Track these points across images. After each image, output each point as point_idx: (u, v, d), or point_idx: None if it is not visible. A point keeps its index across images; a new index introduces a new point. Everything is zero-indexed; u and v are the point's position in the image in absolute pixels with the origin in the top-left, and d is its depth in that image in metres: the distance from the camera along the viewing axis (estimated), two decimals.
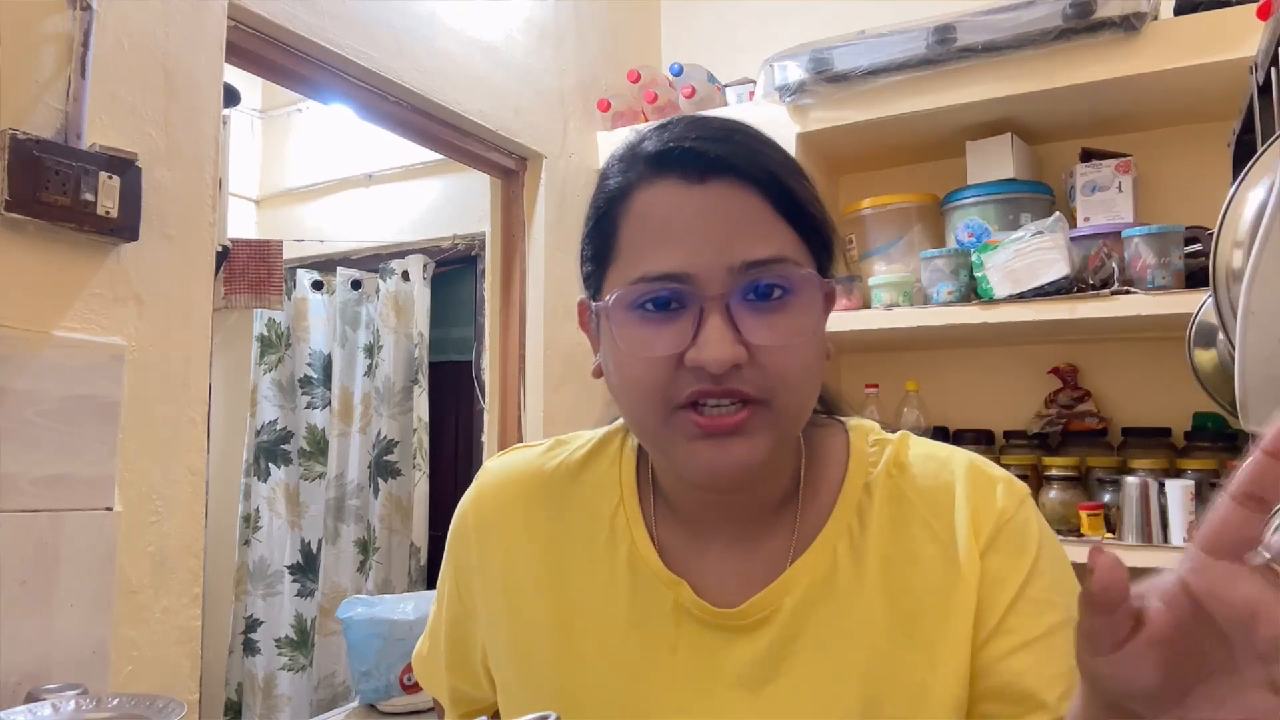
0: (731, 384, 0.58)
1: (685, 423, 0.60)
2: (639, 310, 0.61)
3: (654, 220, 0.61)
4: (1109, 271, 1.68)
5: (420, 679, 0.89)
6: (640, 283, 0.60)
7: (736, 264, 0.59)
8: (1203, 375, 1.36)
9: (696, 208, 0.60)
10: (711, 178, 0.60)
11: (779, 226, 0.61)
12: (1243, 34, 1.54)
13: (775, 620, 0.65)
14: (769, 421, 0.60)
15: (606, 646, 0.68)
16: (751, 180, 0.60)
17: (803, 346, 0.61)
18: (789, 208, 0.61)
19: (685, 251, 0.59)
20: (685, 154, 0.61)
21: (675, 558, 0.69)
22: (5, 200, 1.04)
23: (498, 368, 2.09)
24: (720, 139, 0.62)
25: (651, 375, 0.60)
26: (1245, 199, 0.91)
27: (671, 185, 0.61)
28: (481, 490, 0.78)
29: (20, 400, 1.06)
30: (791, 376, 0.60)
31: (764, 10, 2.39)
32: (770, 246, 0.60)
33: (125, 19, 1.20)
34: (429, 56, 1.74)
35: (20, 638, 1.05)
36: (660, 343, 0.60)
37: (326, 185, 2.97)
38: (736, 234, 0.59)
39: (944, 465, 0.68)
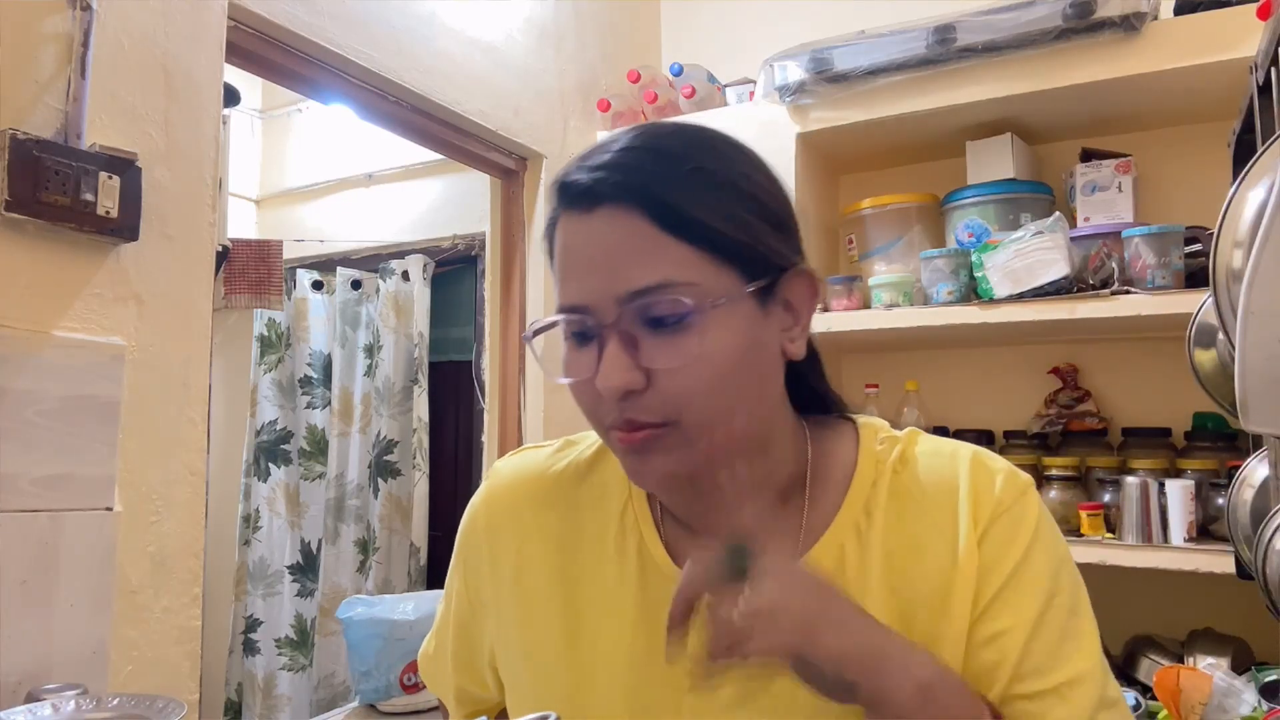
0: (630, 414, 0.61)
1: (614, 439, 0.64)
2: (567, 339, 0.64)
3: (562, 252, 0.64)
4: (1109, 271, 1.68)
5: (426, 678, 0.89)
6: (559, 312, 0.64)
7: (622, 293, 0.60)
8: (1203, 375, 1.37)
9: (585, 239, 0.62)
10: (598, 207, 0.61)
11: (667, 248, 0.60)
12: (1243, 34, 1.53)
13: None
14: (679, 439, 0.62)
15: (617, 643, 0.69)
16: (634, 204, 0.60)
17: (706, 364, 0.60)
18: (678, 226, 0.60)
19: (580, 284, 0.62)
20: (570, 186, 0.63)
21: (684, 554, 0.69)
22: (5, 200, 1.04)
23: (498, 368, 2.09)
24: (606, 165, 0.62)
25: (583, 398, 0.64)
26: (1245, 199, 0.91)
27: (571, 217, 0.63)
28: (493, 490, 0.79)
29: (20, 400, 1.06)
30: (697, 396, 0.61)
31: (764, 10, 2.39)
32: (655, 273, 0.59)
33: (125, 19, 1.20)
34: (429, 56, 1.74)
35: (20, 638, 1.05)
36: (577, 370, 0.63)
37: (326, 185, 2.97)
38: (620, 262, 0.60)
39: (949, 460, 0.68)
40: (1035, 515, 0.66)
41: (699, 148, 0.64)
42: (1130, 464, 1.77)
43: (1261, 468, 1.26)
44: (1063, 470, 1.80)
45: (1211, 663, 1.59)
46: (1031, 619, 0.62)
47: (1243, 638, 1.67)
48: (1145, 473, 1.71)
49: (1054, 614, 0.63)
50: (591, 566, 0.72)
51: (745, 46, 2.30)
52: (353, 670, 1.84)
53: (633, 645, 0.68)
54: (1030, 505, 0.66)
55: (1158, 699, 1.47)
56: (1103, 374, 1.99)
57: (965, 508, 0.66)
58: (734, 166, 0.64)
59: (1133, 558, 1.63)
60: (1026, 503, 0.66)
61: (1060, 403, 1.98)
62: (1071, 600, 0.64)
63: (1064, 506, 1.76)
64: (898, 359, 2.19)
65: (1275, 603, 1.05)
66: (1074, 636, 0.63)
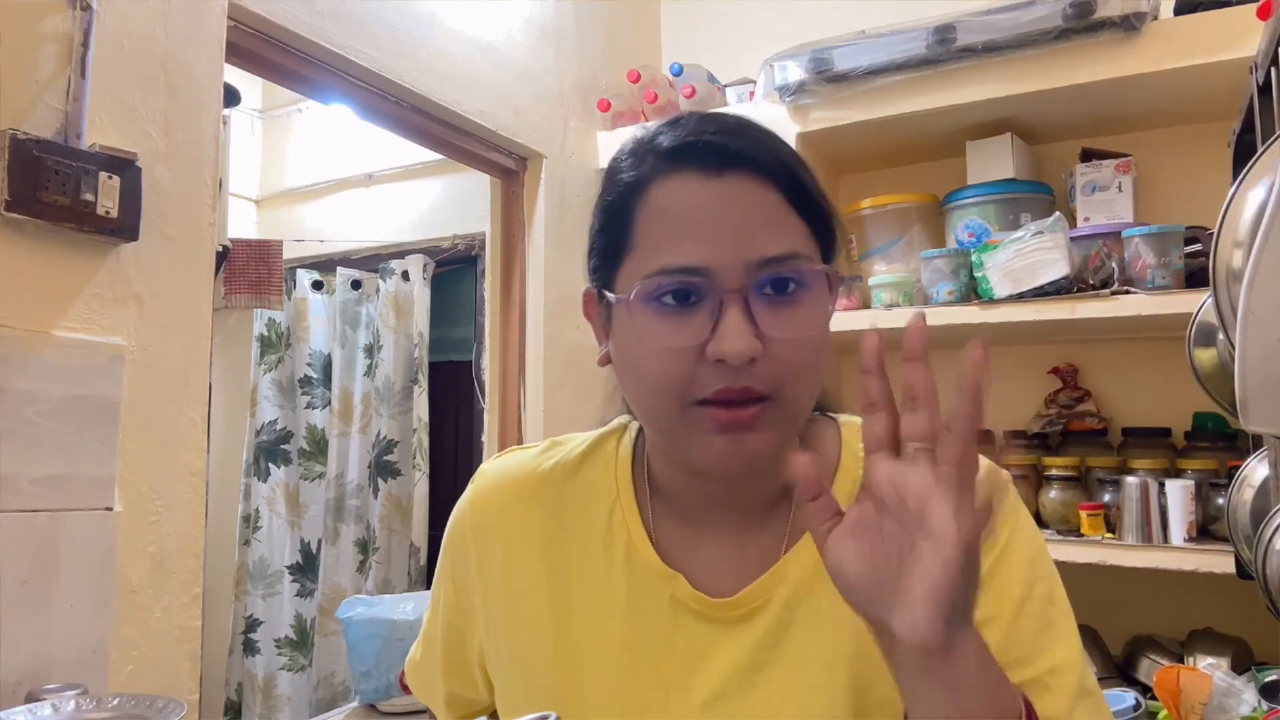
0: (746, 381, 0.59)
1: (703, 417, 0.61)
2: (657, 303, 0.61)
3: (672, 213, 0.62)
4: (1109, 271, 1.68)
5: (413, 685, 0.89)
6: (660, 275, 0.61)
7: (754, 259, 0.60)
8: (1203, 375, 1.37)
9: (714, 201, 0.61)
10: (729, 171, 0.61)
11: (792, 221, 0.62)
12: (1243, 34, 1.53)
13: (768, 610, 0.66)
14: (778, 416, 0.61)
15: (604, 641, 0.69)
16: (767, 174, 0.61)
17: (813, 340, 0.62)
18: (801, 201, 0.62)
19: (704, 245, 0.60)
20: (704, 147, 0.62)
21: (672, 552, 0.70)
22: (5, 200, 1.04)
23: (498, 368, 2.09)
24: (736, 132, 0.63)
25: (670, 367, 0.61)
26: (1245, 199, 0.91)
27: (690, 178, 0.61)
28: (478, 492, 0.78)
29: (20, 400, 1.06)
30: (802, 369, 0.62)
31: (764, 10, 2.39)
32: (786, 242, 0.61)
33: (125, 19, 1.20)
34: (429, 56, 1.74)
35: (20, 638, 1.05)
36: (680, 335, 0.60)
37: (326, 185, 2.97)
38: (754, 229, 0.60)
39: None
40: (1013, 508, 0.67)
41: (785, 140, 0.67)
42: (1130, 464, 1.77)
43: (1261, 468, 1.26)
44: (1063, 470, 1.80)
45: (1211, 663, 1.59)
46: (1012, 608, 0.63)
47: (1243, 638, 1.67)
48: (1145, 473, 1.71)
49: (1034, 603, 0.64)
50: (579, 565, 0.72)
51: (745, 46, 2.30)
52: (353, 670, 1.84)
53: (620, 641, 0.68)
54: (1008, 499, 0.68)
55: (1158, 699, 1.47)
56: (1103, 374, 1.99)
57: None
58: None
59: (1133, 558, 1.63)
60: (1004, 498, 0.67)
61: (1060, 403, 1.98)
62: (1049, 589, 0.66)
63: (1064, 506, 1.76)
64: (898, 359, 2.18)
65: (1275, 603, 1.05)
66: (1053, 625, 0.64)
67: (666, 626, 0.68)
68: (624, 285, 0.63)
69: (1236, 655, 1.62)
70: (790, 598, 0.66)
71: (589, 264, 0.71)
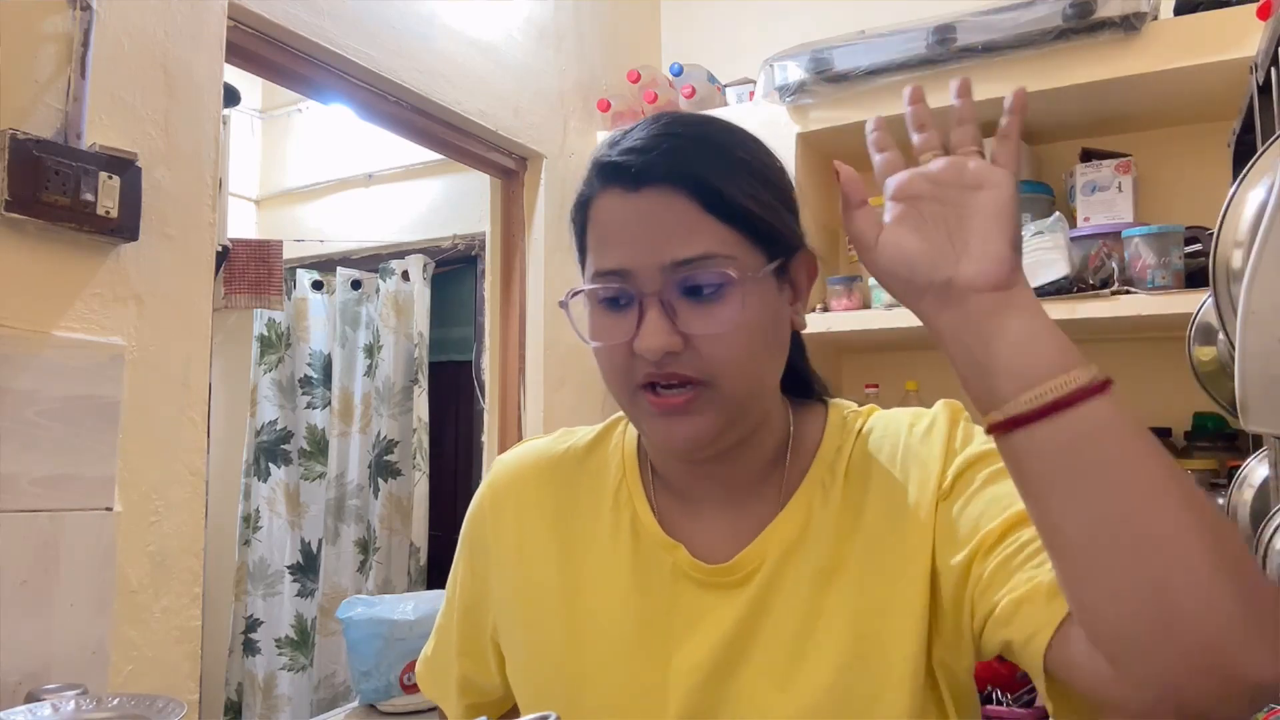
0: (671, 368, 0.66)
1: (643, 402, 0.69)
2: (598, 304, 0.70)
3: (602, 225, 0.70)
4: (1109, 271, 1.68)
5: (423, 682, 0.92)
6: (594, 277, 0.69)
7: (666, 263, 0.66)
8: (1203, 375, 1.36)
9: (632, 213, 0.68)
10: (645, 186, 0.67)
11: (708, 226, 0.67)
12: (1243, 34, 1.53)
13: (761, 571, 0.72)
14: (713, 401, 0.67)
15: (611, 609, 0.75)
16: (680, 185, 0.67)
17: (739, 333, 0.67)
18: (718, 208, 0.67)
19: (624, 252, 0.67)
20: (620, 167, 0.69)
21: (672, 525, 0.76)
22: (5, 200, 1.04)
23: (498, 368, 2.09)
24: (651, 148, 0.68)
25: (613, 360, 0.69)
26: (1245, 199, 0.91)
27: (614, 194, 0.69)
28: (495, 476, 0.85)
29: (20, 400, 1.06)
30: (731, 360, 0.67)
31: (764, 10, 2.39)
32: (697, 246, 0.66)
33: (125, 19, 1.20)
34: (429, 56, 1.74)
35: (20, 638, 1.05)
36: (613, 333, 0.68)
37: (326, 185, 2.97)
38: (666, 236, 0.66)
39: (894, 418, 0.78)
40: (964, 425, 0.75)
41: (729, 135, 0.72)
42: None
43: (1261, 468, 1.26)
44: None
45: None
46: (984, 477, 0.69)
47: None
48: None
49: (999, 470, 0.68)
50: (588, 538, 0.78)
51: (745, 46, 2.30)
52: (353, 670, 1.84)
53: (626, 608, 0.74)
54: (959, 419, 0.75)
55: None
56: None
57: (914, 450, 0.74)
58: (757, 154, 0.72)
59: None
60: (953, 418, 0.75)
61: None
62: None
63: None
64: (898, 359, 2.18)
65: None
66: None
67: (668, 593, 0.74)
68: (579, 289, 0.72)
69: None
70: (781, 558, 0.72)
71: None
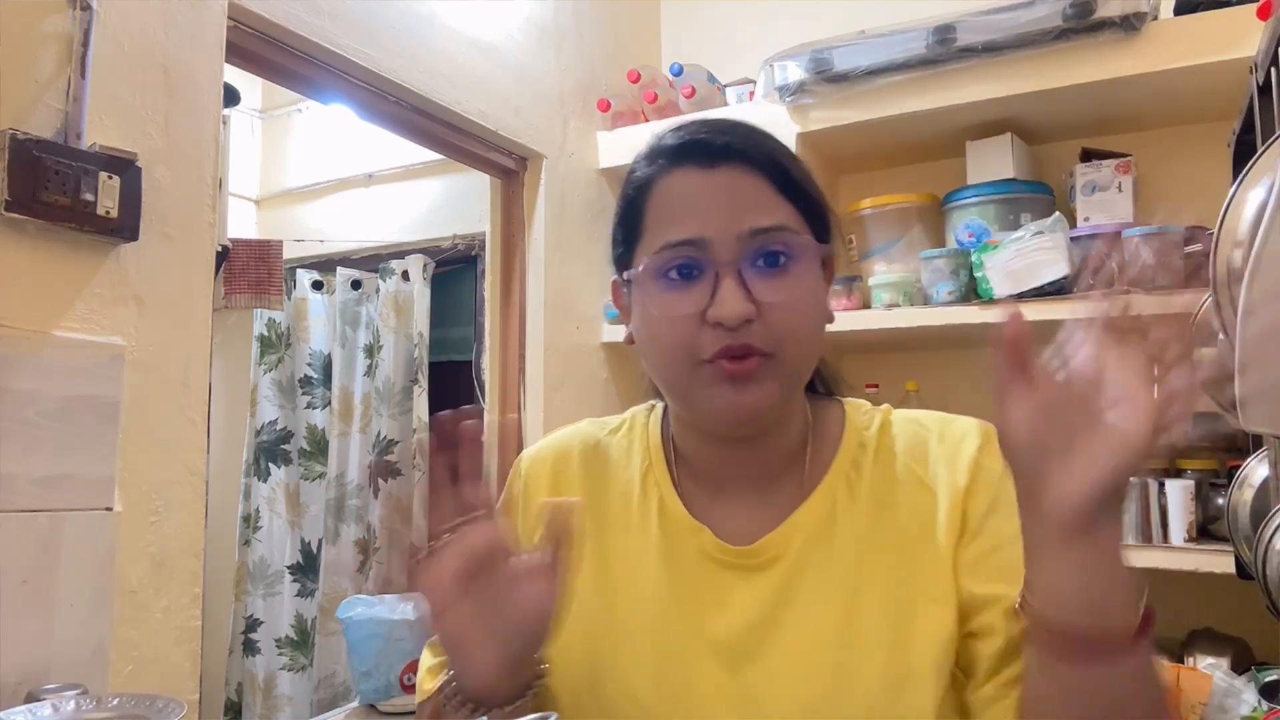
0: (744, 339, 0.68)
1: (711, 372, 0.70)
2: (664, 279, 0.71)
3: (674, 199, 0.72)
4: (1109, 271, 1.68)
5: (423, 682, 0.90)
6: (664, 249, 0.71)
7: (744, 231, 0.69)
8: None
9: (709, 187, 0.71)
10: (721, 163, 0.71)
11: (780, 202, 0.72)
12: (1243, 34, 1.53)
13: (785, 557, 0.75)
14: (777, 371, 0.70)
15: (640, 589, 0.77)
16: (755, 164, 0.71)
17: (805, 304, 0.71)
18: (788, 187, 0.72)
19: (701, 222, 0.70)
20: (699, 144, 0.73)
21: (698, 508, 0.79)
22: (5, 200, 1.04)
23: (498, 368, 2.09)
24: (728, 131, 0.73)
25: (678, 333, 0.70)
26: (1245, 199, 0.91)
27: (688, 171, 0.72)
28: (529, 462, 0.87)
29: (20, 400, 1.06)
30: (796, 330, 0.71)
31: (764, 10, 2.39)
32: (773, 217, 0.71)
33: (125, 19, 1.20)
34: (429, 56, 1.74)
35: (20, 638, 1.05)
36: (684, 303, 0.70)
37: (326, 185, 2.97)
38: (743, 207, 0.70)
39: (920, 423, 0.80)
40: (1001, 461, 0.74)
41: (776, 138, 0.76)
42: None
43: (1261, 468, 1.26)
44: None
45: (1211, 663, 1.59)
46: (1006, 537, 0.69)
47: (1243, 638, 1.67)
48: (1145, 472, 1.70)
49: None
50: (619, 520, 0.81)
51: (745, 46, 2.30)
52: (353, 670, 1.84)
53: (655, 588, 0.77)
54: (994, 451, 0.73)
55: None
56: None
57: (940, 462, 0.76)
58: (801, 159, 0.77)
59: (1132, 557, 1.62)
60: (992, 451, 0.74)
61: None
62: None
63: None
64: (898, 359, 2.18)
65: (1275, 603, 1.05)
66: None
67: (695, 574, 0.76)
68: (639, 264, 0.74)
69: (1236, 655, 1.62)
70: (805, 545, 0.75)
71: (612, 254, 0.80)
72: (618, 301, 0.81)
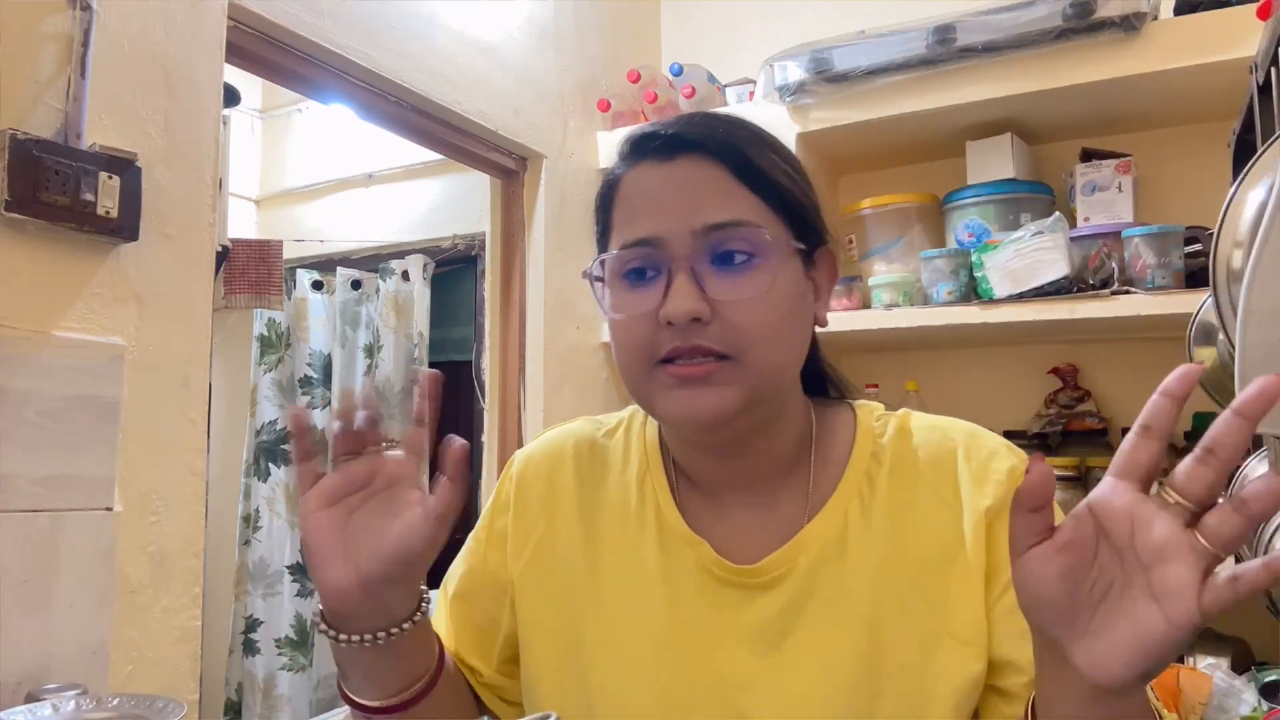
0: (697, 340, 0.64)
1: (663, 375, 0.66)
2: (623, 279, 0.68)
3: (632, 197, 0.69)
4: (1109, 271, 1.68)
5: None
6: (621, 250, 0.68)
7: (699, 227, 0.65)
8: (1203, 375, 1.36)
9: (664, 181, 0.68)
10: (678, 155, 0.68)
11: (741, 194, 0.67)
12: (1243, 34, 1.53)
13: (792, 577, 0.70)
14: (737, 375, 0.65)
15: (636, 601, 0.73)
16: (713, 154, 0.67)
17: (767, 304, 0.66)
18: (751, 177, 0.67)
19: (655, 219, 0.67)
20: (654, 137, 0.69)
21: (696, 520, 0.74)
22: (5, 200, 1.04)
23: (498, 368, 2.09)
24: (687, 123, 0.70)
25: (635, 333, 0.67)
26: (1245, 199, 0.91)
27: (646, 166, 0.69)
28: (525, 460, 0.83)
29: (20, 400, 1.06)
30: (757, 332, 0.65)
31: (764, 10, 2.39)
32: (730, 212, 0.66)
33: (125, 19, 1.20)
34: (429, 56, 1.74)
35: (20, 638, 1.05)
36: (639, 303, 0.67)
37: (326, 185, 2.97)
38: (700, 201, 0.66)
39: (945, 435, 0.74)
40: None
41: (755, 124, 0.72)
42: None
43: (1261, 468, 1.26)
44: (1063, 470, 1.80)
45: (1211, 663, 1.58)
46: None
47: (1243, 638, 1.67)
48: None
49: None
50: (615, 530, 0.76)
51: (745, 46, 2.30)
52: None
53: (651, 602, 0.72)
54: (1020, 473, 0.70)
55: (1158, 699, 1.47)
56: (1103, 374, 1.99)
57: (966, 480, 0.70)
58: (781, 144, 0.73)
59: None
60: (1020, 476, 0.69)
61: (1060, 403, 1.98)
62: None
63: (1064, 506, 1.74)
64: (898, 359, 2.18)
65: (1275, 603, 1.05)
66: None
67: (692, 589, 0.72)
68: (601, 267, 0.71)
69: (1236, 655, 1.62)
70: (813, 565, 0.70)
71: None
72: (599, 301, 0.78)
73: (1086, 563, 0.48)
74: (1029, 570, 0.50)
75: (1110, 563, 0.48)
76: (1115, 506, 0.48)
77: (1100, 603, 0.48)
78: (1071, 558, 0.48)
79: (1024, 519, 0.51)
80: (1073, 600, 0.48)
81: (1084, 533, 0.49)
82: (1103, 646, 0.47)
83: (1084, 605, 0.48)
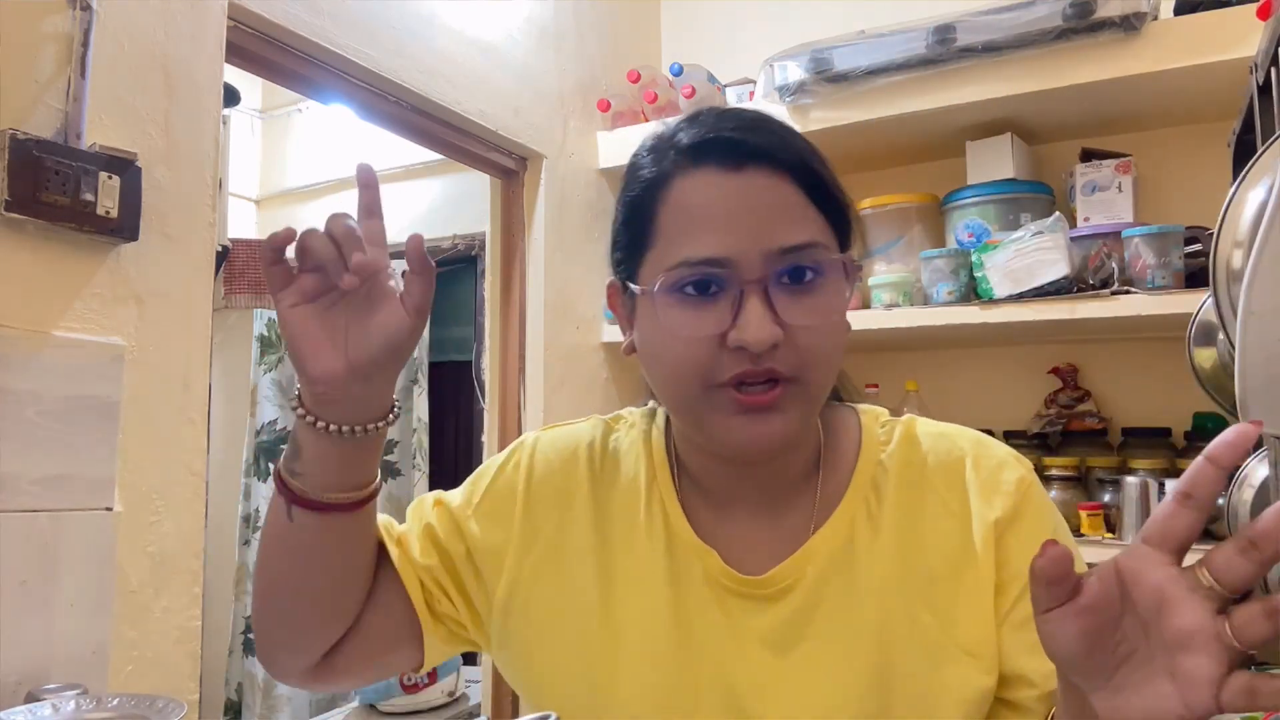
0: (768, 364, 0.62)
1: (725, 400, 0.63)
2: (679, 293, 0.64)
3: (694, 207, 0.64)
4: (1109, 271, 1.68)
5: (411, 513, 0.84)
6: (682, 267, 0.63)
7: (773, 249, 0.62)
8: (1203, 375, 1.36)
9: (734, 194, 0.63)
10: (748, 166, 0.63)
11: (810, 212, 0.65)
12: (1243, 34, 1.53)
13: (799, 588, 0.69)
14: (800, 398, 0.64)
15: (645, 610, 0.71)
16: (785, 168, 0.64)
17: (833, 325, 0.65)
18: (818, 194, 0.65)
19: (725, 237, 0.62)
20: (723, 143, 0.64)
21: (705, 529, 0.72)
22: (5, 200, 1.04)
23: (498, 368, 2.09)
24: (754, 128, 0.66)
25: (693, 354, 0.63)
26: (1245, 199, 0.91)
27: (710, 173, 0.64)
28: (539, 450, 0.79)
29: (20, 400, 1.06)
30: (822, 354, 0.64)
31: (764, 10, 2.39)
32: (803, 232, 0.63)
33: (125, 19, 1.20)
34: (429, 56, 1.74)
35: (20, 638, 1.05)
36: (703, 324, 0.63)
37: (326, 185, 2.97)
38: (772, 220, 0.63)
39: (952, 443, 0.73)
40: (1044, 502, 0.70)
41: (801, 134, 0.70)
42: (1130, 464, 1.77)
43: (1261, 468, 1.26)
44: (1063, 470, 1.80)
45: None
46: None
47: None
48: (1145, 473, 1.71)
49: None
50: (623, 534, 0.74)
51: (745, 46, 2.30)
52: None
53: (659, 610, 0.71)
54: (1035, 490, 0.70)
55: None
56: (1103, 374, 1.99)
57: (975, 490, 0.70)
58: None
59: None
60: (1035, 490, 0.70)
61: (1060, 403, 1.98)
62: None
63: (1064, 506, 1.76)
64: (898, 359, 2.18)
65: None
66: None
67: (700, 598, 0.70)
68: (647, 277, 0.66)
69: None
70: (820, 576, 0.69)
71: (612, 257, 0.73)
72: (615, 307, 0.74)
73: (1109, 627, 0.47)
74: (1049, 630, 0.49)
75: (1134, 632, 0.47)
76: (1146, 581, 0.46)
77: (1122, 664, 0.47)
78: (1093, 620, 0.47)
79: (1043, 589, 0.48)
80: (1092, 658, 0.47)
81: (1108, 596, 0.47)
82: (1122, 701, 0.47)
83: (1104, 665, 0.47)
